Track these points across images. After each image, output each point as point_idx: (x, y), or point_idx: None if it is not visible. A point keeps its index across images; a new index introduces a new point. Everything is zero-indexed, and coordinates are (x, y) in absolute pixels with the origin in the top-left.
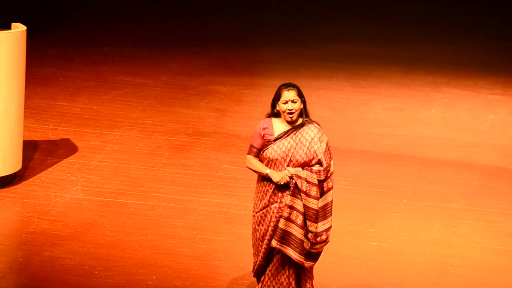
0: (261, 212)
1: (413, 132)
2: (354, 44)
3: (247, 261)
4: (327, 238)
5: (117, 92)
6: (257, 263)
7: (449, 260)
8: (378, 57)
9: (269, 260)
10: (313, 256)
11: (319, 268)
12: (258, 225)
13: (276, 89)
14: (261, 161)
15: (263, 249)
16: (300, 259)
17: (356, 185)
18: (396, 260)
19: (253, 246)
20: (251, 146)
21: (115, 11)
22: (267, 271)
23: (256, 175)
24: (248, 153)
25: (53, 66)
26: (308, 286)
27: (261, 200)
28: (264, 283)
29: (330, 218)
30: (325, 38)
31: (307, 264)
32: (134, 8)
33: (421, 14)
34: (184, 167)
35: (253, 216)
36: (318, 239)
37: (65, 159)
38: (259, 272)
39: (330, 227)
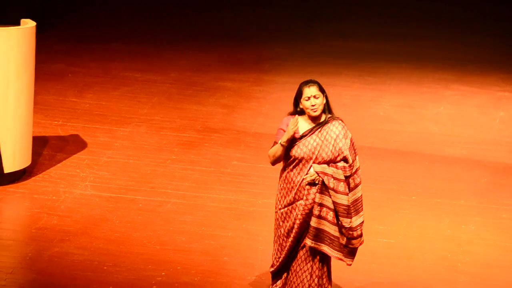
0: (285, 208)
1: (422, 129)
2: (362, 41)
3: (256, 257)
4: (361, 233)
5: (126, 88)
6: (280, 259)
7: (458, 257)
8: (387, 54)
9: (293, 256)
10: (350, 252)
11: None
12: (283, 222)
13: (284, 85)
14: (287, 159)
15: (288, 245)
16: (338, 256)
17: (365, 181)
18: (405, 256)
19: (275, 242)
20: (275, 143)
21: (123, 7)
22: (291, 268)
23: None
24: (270, 150)
25: (62, 62)
26: (328, 287)
27: (285, 197)
28: (289, 279)
29: (362, 213)
30: (333, 35)
31: (347, 261)
32: (142, 5)
33: (429, 11)
34: (193, 163)
35: (276, 212)
36: (355, 234)
37: (74, 155)
38: (279, 268)
39: (363, 222)
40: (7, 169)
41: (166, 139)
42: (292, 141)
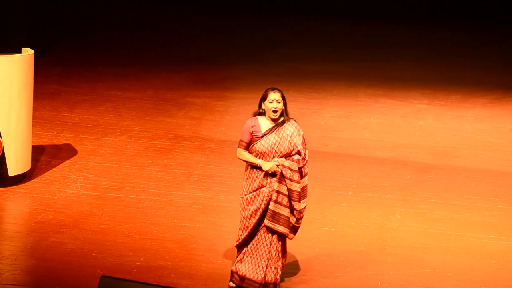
0: (251, 194)
1: (356, 135)
2: (307, 63)
3: (220, 244)
4: (303, 215)
5: (110, 104)
6: (242, 237)
7: (387, 241)
8: (327, 74)
9: (253, 235)
10: (295, 229)
11: None
12: (248, 205)
13: (242, 100)
14: (250, 153)
15: (251, 225)
16: (286, 232)
17: (309, 180)
18: (344, 242)
19: (241, 222)
20: (241, 141)
21: (108, 36)
22: (250, 244)
23: (243, 165)
24: (238, 147)
25: (56, 83)
26: (282, 261)
27: (250, 185)
28: (247, 253)
29: (306, 198)
30: (282, 59)
31: (291, 236)
32: (124, 34)
33: (361, 37)
34: (166, 166)
35: (242, 198)
36: (302, 215)
37: (66, 161)
38: (242, 243)
39: (306, 205)
40: (11, 172)
41: (143, 146)
42: (256, 139)
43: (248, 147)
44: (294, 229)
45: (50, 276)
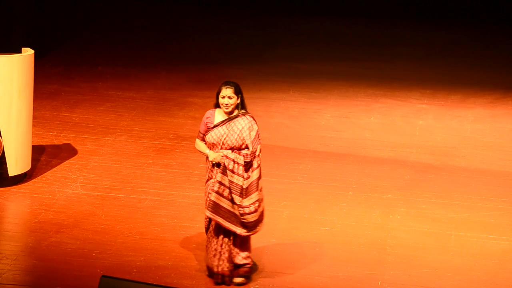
0: (206, 184)
1: (356, 135)
2: (307, 63)
3: None
4: (255, 210)
5: (110, 104)
6: (204, 226)
7: (387, 241)
8: (328, 74)
9: (210, 224)
10: (245, 225)
11: (279, 250)
12: (205, 195)
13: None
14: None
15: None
16: (230, 227)
17: (310, 180)
18: (344, 241)
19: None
20: (199, 131)
21: (108, 36)
22: (208, 233)
23: None
24: (196, 137)
25: (56, 83)
26: (243, 255)
27: (206, 175)
28: (207, 241)
29: (255, 194)
30: (283, 58)
31: (237, 230)
32: (124, 34)
33: (362, 37)
34: (166, 166)
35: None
36: (246, 210)
37: (67, 161)
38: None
39: (258, 199)
40: (11, 172)
41: (143, 146)
42: (208, 129)
43: (204, 137)
44: (242, 224)
45: (50, 276)
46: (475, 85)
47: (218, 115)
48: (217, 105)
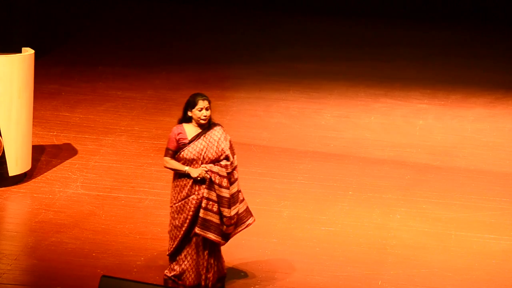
0: (179, 203)
1: (356, 135)
2: (307, 63)
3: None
4: (236, 221)
5: (110, 104)
6: (173, 246)
7: (387, 241)
8: (328, 73)
9: (186, 243)
10: (227, 236)
11: (278, 250)
12: (177, 214)
13: (242, 100)
14: (178, 161)
15: (181, 234)
16: (217, 239)
17: (310, 180)
18: (344, 241)
19: (170, 232)
20: (168, 149)
21: (108, 36)
22: (186, 253)
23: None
24: (165, 155)
25: (57, 83)
26: (220, 266)
27: (179, 193)
28: (185, 262)
29: (237, 205)
30: (282, 58)
31: (223, 243)
32: (124, 34)
33: (362, 37)
34: None
35: (171, 207)
36: (232, 221)
37: (67, 160)
38: (173, 252)
39: (238, 212)
40: (11, 172)
41: (143, 146)
42: (183, 146)
43: (174, 155)
44: (225, 236)
45: (50, 276)
46: (475, 85)
47: (189, 129)
48: (184, 120)
